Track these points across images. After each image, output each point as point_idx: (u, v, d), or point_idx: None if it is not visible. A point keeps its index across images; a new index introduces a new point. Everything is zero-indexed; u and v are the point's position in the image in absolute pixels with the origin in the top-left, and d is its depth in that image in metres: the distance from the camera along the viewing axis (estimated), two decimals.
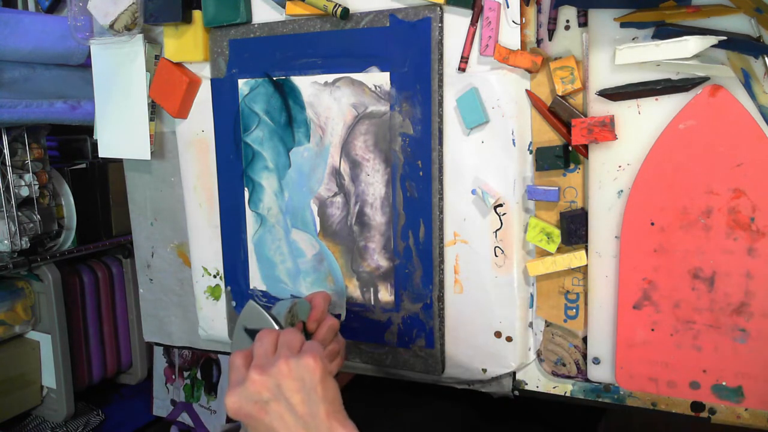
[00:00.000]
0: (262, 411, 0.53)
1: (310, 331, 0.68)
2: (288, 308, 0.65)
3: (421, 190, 0.73)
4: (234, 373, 0.56)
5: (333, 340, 0.68)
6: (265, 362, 0.54)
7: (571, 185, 0.68)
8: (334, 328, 0.68)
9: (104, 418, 1.70)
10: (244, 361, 0.56)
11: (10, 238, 1.37)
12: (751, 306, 0.60)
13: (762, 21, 0.55)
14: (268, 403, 0.53)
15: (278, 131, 0.81)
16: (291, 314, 0.65)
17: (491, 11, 0.66)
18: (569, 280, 0.70)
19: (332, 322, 0.68)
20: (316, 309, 0.68)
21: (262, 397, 0.53)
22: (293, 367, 0.52)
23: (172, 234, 0.98)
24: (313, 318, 0.67)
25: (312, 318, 0.67)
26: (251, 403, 0.53)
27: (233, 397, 0.54)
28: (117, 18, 0.86)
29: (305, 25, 0.77)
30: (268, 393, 0.52)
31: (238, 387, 0.54)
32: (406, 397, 0.89)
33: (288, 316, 0.65)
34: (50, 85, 1.22)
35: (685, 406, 0.67)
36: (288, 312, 0.65)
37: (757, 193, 0.58)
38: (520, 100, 0.68)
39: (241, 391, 0.53)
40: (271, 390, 0.52)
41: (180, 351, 1.81)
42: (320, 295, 0.69)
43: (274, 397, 0.52)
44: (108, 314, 1.68)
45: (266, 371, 0.53)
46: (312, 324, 0.67)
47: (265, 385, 0.52)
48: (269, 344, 0.56)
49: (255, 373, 0.53)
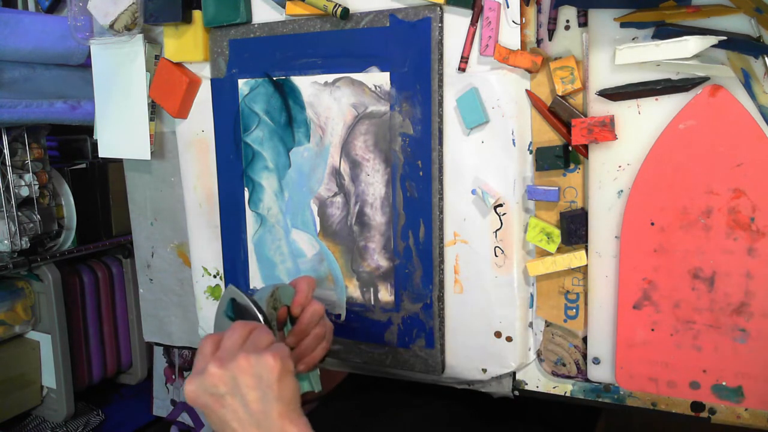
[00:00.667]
0: (218, 403, 0.53)
1: (295, 316, 0.67)
2: (270, 292, 0.64)
3: (421, 190, 0.73)
4: (199, 359, 0.56)
5: (318, 324, 0.68)
6: (226, 356, 0.54)
7: (571, 185, 0.68)
8: (319, 313, 0.68)
9: (104, 418, 1.70)
10: (211, 348, 0.56)
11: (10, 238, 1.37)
12: (751, 306, 0.60)
13: (762, 21, 0.55)
14: (224, 396, 0.53)
15: (278, 131, 0.81)
16: (273, 299, 0.64)
17: (491, 11, 0.66)
18: (569, 280, 0.70)
19: (317, 307, 0.67)
20: (299, 293, 0.67)
21: (219, 390, 0.53)
22: (252, 364, 0.53)
23: (172, 234, 0.98)
24: (297, 302, 0.67)
25: (296, 302, 0.67)
26: (208, 395, 0.53)
27: (192, 385, 0.54)
28: (117, 18, 0.86)
29: (305, 25, 0.77)
30: (224, 387, 0.53)
31: (198, 376, 0.54)
32: (404, 396, 0.89)
33: (270, 300, 0.64)
34: (50, 85, 1.22)
35: (685, 406, 0.67)
36: (270, 296, 0.64)
37: (757, 193, 0.58)
38: (520, 100, 0.68)
39: (199, 381, 0.54)
40: (227, 384, 0.53)
41: (180, 351, 1.81)
42: (304, 279, 0.69)
43: (230, 391, 0.53)
44: (108, 314, 1.68)
45: (225, 365, 0.53)
46: (296, 308, 0.67)
47: (222, 378, 0.53)
48: (238, 338, 0.56)
49: (214, 366, 0.53)
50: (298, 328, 0.67)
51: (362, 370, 0.85)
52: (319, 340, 0.68)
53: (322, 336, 0.68)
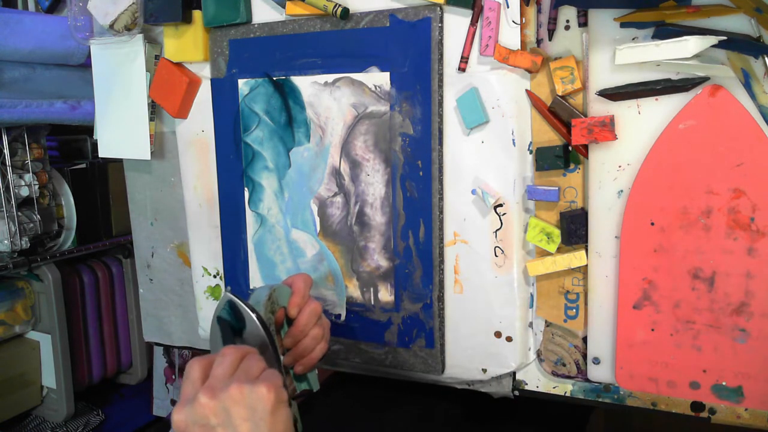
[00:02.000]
0: None
1: (292, 317, 0.66)
2: (267, 296, 0.63)
3: (421, 190, 0.73)
4: (187, 385, 0.53)
5: (316, 324, 0.67)
6: (218, 385, 0.51)
7: (571, 185, 0.68)
8: (317, 312, 0.66)
9: (104, 418, 1.70)
10: (200, 373, 0.53)
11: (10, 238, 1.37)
12: (751, 306, 0.60)
13: (762, 21, 0.55)
14: (214, 428, 0.50)
15: (278, 131, 0.81)
16: (270, 302, 0.63)
17: (491, 11, 0.66)
18: (569, 280, 0.70)
19: (314, 306, 0.66)
20: (296, 294, 0.66)
21: (210, 421, 0.50)
22: (245, 394, 0.50)
23: (172, 234, 0.98)
24: (293, 303, 0.65)
25: (293, 303, 0.65)
26: (198, 426, 0.51)
27: (180, 414, 0.51)
28: (117, 18, 0.86)
29: (305, 25, 0.77)
30: (215, 418, 0.50)
31: (187, 405, 0.51)
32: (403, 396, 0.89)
33: (268, 304, 0.62)
34: (50, 85, 1.22)
35: (685, 406, 0.67)
36: (267, 300, 0.62)
37: (757, 193, 0.58)
38: (520, 100, 0.68)
39: (189, 411, 0.51)
40: (219, 415, 0.50)
41: (180, 351, 1.81)
42: (300, 278, 0.67)
43: (221, 423, 0.50)
44: (108, 314, 1.68)
45: (217, 395, 0.50)
46: (293, 310, 0.65)
47: (213, 409, 0.50)
48: (228, 365, 0.53)
49: (205, 396, 0.50)
50: (296, 329, 0.66)
51: (362, 370, 0.84)
52: (317, 341, 0.67)
53: (320, 336, 0.67)
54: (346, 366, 0.86)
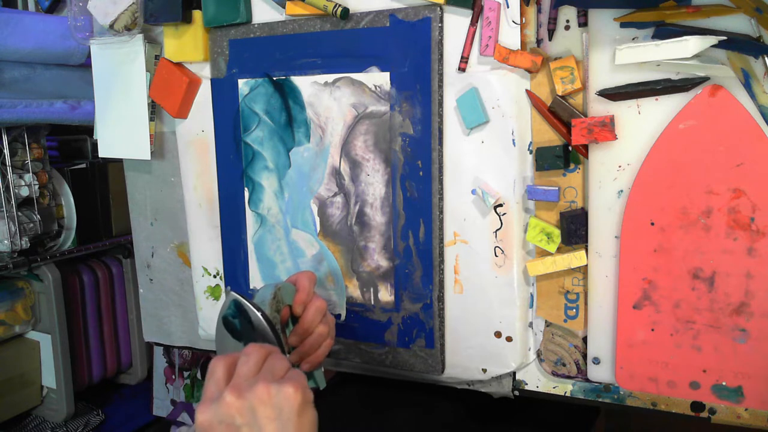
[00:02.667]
0: None
1: (297, 315, 0.66)
2: (272, 294, 0.62)
3: (421, 190, 0.73)
4: (211, 384, 0.52)
5: (321, 321, 0.66)
6: (244, 384, 0.51)
7: (571, 185, 0.68)
8: (322, 309, 0.66)
9: (104, 418, 1.70)
10: (224, 373, 0.53)
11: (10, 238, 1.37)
12: (751, 306, 0.60)
13: (762, 21, 0.55)
14: (240, 428, 0.50)
15: (278, 131, 0.81)
16: (276, 300, 0.63)
17: (491, 11, 0.66)
18: (569, 280, 0.70)
19: (319, 303, 0.66)
20: (301, 291, 0.65)
21: (235, 421, 0.50)
22: (273, 394, 0.49)
23: (172, 234, 0.98)
24: (298, 301, 0.65)
25: (297, 301, 0.65)
26: (223, 425, 0.50)
27: (206, 414, 0.50)
28: (117, 18, 0.86)
29: (305, 25, 0.77)
30: (241, 418, 0.49)
31: (212, 404, 0.51)
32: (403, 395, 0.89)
33: (273, 303, 0.62)
34: (50, 85, 1.22)
35: (685, 406, 0.67)
36: (273, 299, 0.62)
37: (757, 193, 0.58)
38: (520, 100, 0.68)
39: (214, 410, 0.50)
40: (245, 415, 0.49)
41: (180, 351, 1.81)
42: (305, 275, 0.67)
43: (247, 423, 0.49)
44: (108, 314, 1.67)
45: (243, 394, 0.50)
46: (298, 308, 0.65)
47: (239, 409, 0.49)
48: (254, 364, 0.52)
49: (231, 395, 0.50)
50: (302, 327, 0.66)
51: (362, 370, 0.85)
52: (323, 338, 0.66)
53: (326, 333, 0.67)
54: (346, 366, 0.86)
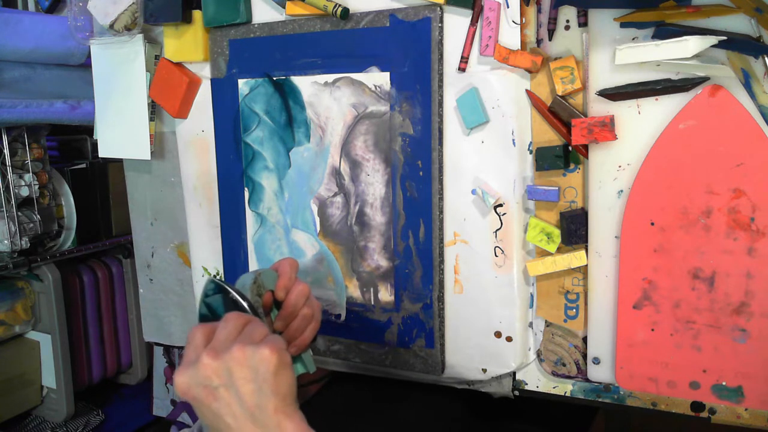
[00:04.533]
0: (211, 396, 0.51)
1: (280, 299, 0.66)
2: (253, 279, 0.63)
3: (421, 190, 0.73)
4: (190, 350, 0.53)
5: (305, 304, 0.66)
6: (221, 347, 0.51)
7: (571, 185, 0.68)
8: (305, 293, 0.66)
9: (104, 418, 1.70)
10: (203, 338, 0.53)
11: (10, 238, 1.37)
12: (751, 306, 0.60)
13: (762, 21, 0.55)
14: (217, 389, 0.51)
15: (278, 131, 0.81)
16: (257, 285, 0.63)
17: (491, 11, 0.66)
18: (569, 280, 0.70)
19: (302, 287, 0.66)
20: (283, 276, 0.65)
21: (212, 382, 0.51)
22: (248, 356, 0.50)
23: (172, 234, 0.98)
24: (281, 286, 0.65)
25: (280, 286, 0.65)
26: (200, 387, 0.51)
27: (183, 377, 0.51)
28: (117, 18, 0.86)
29: (305, 25, 0.77)
30: (218, 379, 0.50)
31: (190, 368, 0.51)
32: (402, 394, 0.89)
33: (254, 287, 0.62)
34: (50, 85, 1.22)
35: (685, 406, 0.67)
36: (253, 283, 0.62)
37: (757, 193, 0.58)
38: (520, 100, 0.68)
39: (192, 373, 0.51)
40: (221, 376, 0.50)
41: (180, 351, 1.81)
42: (286, 261, 0.67)
43: (224, 383, 0.50)
44: (108, 314, 1.67)
45: (220, 356, 0.51)
46: (280, 292, 0.65)
47: (216, 370, 0.50)
48: (233, 329, 0.53)
49: (208, 357, 0.51)
50: (285, 311, 0.66)
51: (362, 370, 0.85)
52: (308, 321, 0.67)
53: (310, 316, 0.67)
54: (346, 366, 0.86)
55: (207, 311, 0.62)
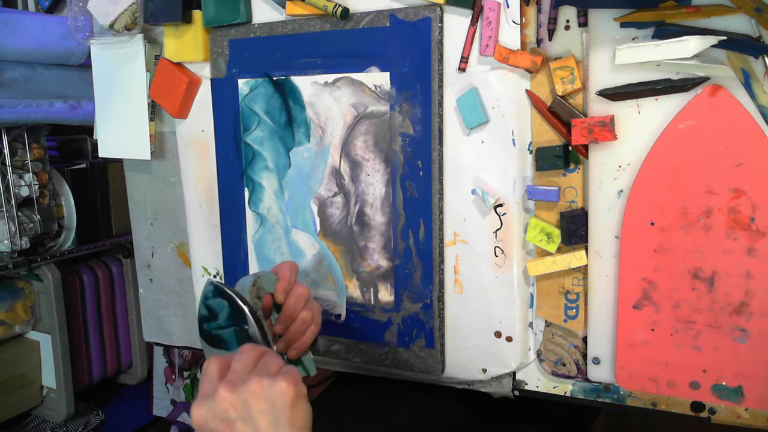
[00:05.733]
0: (228, 429, 0.51)
1: (279, 302, 0.66)
2: (252, 282, 0.63)
3: (421, 190, 0.73)
4: (206, 382, 0.53)
5: (305, 307, 0.67)
6: (237, 379, 0.52)
7: (571, 185, 0.68)
8: (304, 296, 0.66)
9: (104, 418, 1.70)
10: (218, 371, 0.53)
11: (10, 238, 1.37)
12: (751, 306, 0.60)
13: (762, 21, 0.55)
14: (234, 422, 0.51)
15: (278, 131, 0.81)
16: (256, 288, 0.63)
17: (491, 11, 0.66)
18: (569, 280, 0.70)
19: (301, 290, 0.66)
20: (282, 279, 0.66)
21: (229, 415, 0.51)
22: (265, 388, 0.50)
23: (172, 234, 0.98)
24: (280, 289, 0.66)
25: (279, 289, 0.66)
26: (218, 420, 0.51)
27: (200, 410, 0.51)
28: (117, 18, 0.86)
29: (305, 25, 0.77)
30: (235, 412, 0.50)
31: (207, 400, 0.51)
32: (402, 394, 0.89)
33: (253, 290, 0.63)
34: (50, 85, 1.22)
35: (685, 406, 0.67)
36: (252, 286, 0.63)
37: (757, 193, 0.58)
38: (520, 100, 0.68)
39: (209, 405, 0.51)
40: (238, 409, 0.50)
41: (180, 351, 1.81)
42: (286, 265, 0.67)
43: (241, 416, 0.50)
44: (108, 314, 1.68)
45: (237, 389, 0.51)
46: (280, 295, 0.66)
47: (233, 403, 0.50)
48: (249, 361, 0.53)
49: (225, 390, 0.51)
50: (285, 314, 0.66)
51: (362, 370, 0.85)
52: (307, 324, 0.67)
53: (310, 319, 0.67)
54: (346, 366, 0.86)
55: (207, 313, 0.62)
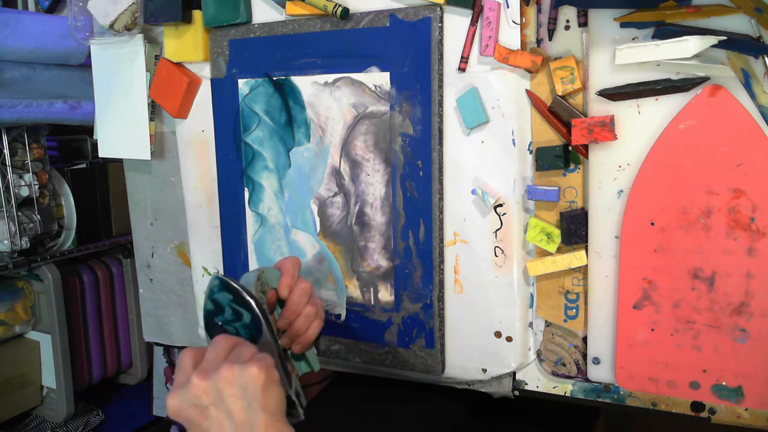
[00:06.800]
0: (202, 416, 0.53)
1: (283, 298, 0.67)
2: (256, 277, 0.64)
3: (421, 190, 0.73)
4: (180, 373, 0.55)
5: (308, 302, 0.68)
6: (210, 367, 0.53)
7: (571, 185, 0.68)
8: (307, 291, 0.67)
9: (104, 418, 1.70)
10: (192, 362, 0.55)
11: (10, 238, 1.37)
12: (751, 306, 0.60)
13: (762, 21, 0.55)
14: (208, 408, 0.52)
15: (278, 131, 0.81)
16: (260, 282, 0.64)
17: (491, 11, 0.66)
18: (569, 280, 0.70)
19: (304, 285, 0.67)
20: (285, 275, 0.67)
21: (203, 401, 0.52)
22: (236, 374, 0.52)
23: (172, 234, 0.98)
24: (284, 284, 0.66)
25: (283, 284, 0.66)
26: (192, 407, 0.53)
27: (174, 399, 0.53)
28: (117, 18, 0.86)
29: (305, 25, 0.77)
30: (208, 398, 0.52)
31: (181, 389, 0.53)
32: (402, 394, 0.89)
33: (257, 284, 0.64)
34: (50, 85, 1.22)
35: (685, 406, 0.67)
36: (257, 280, 0.64)
37: (757, 193, 0.58)
38: (520, 100, 0.68)
39: (182, 394, 0.53)
40: (211, 395, 0.52)
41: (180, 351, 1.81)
42: (289, 260, 0.68)
43: (214, 402, 0.52)
44: (108, 314, 1.68)
45: (209, 376, 0.52)
46: (283, 290, 0.66)
47: (206, 390, 0.52)
48: (222, 350, 0.55)
49: (197, 378, 0.52)
50: (289, 309, 0.67)
51: (362, 370, 0.85)
52: (311, 319, 0.68)
53: (314, 314, 0.68)
54: (346, 366, 0.86)
55: (213, 307, 0.63)
